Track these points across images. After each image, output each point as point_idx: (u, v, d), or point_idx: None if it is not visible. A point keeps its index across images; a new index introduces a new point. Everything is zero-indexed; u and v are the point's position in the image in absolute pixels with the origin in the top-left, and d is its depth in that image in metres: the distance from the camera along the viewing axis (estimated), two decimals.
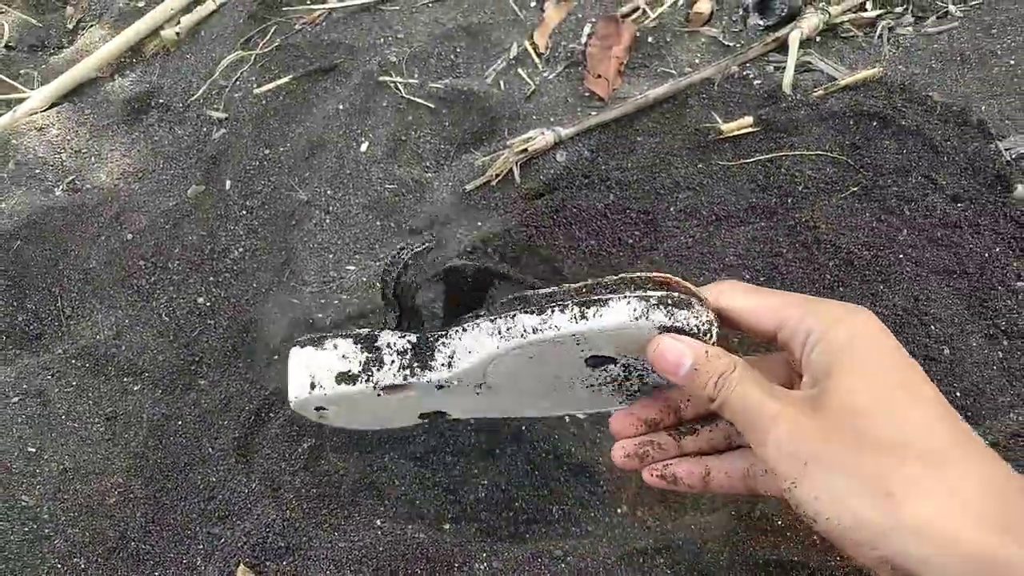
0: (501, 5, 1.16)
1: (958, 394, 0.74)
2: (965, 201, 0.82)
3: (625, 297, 0.48)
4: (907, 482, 0.38)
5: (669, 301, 0.48)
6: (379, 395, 0.62)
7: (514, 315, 0.52)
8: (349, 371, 0.62)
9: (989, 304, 0.77)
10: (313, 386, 0.62)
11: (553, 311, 0.50)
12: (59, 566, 0.82)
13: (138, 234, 1.10)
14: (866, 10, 1.00)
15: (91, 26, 1.47)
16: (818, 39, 0.99)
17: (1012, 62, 0.90)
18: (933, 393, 0.42)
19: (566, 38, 1.10)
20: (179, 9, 1.35)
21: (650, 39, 1.06)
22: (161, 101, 1.25)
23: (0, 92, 1.36)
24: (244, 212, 1.08)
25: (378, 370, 0.61)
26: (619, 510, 0.74)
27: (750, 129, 0.91)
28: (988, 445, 0.66)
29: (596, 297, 0.49)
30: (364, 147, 1.06)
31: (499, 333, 0.53)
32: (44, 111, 1.30)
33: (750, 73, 0.97)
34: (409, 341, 0.61)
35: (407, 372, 0.60)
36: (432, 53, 1.12)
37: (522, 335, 0.51)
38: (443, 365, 0.58)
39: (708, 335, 0.49)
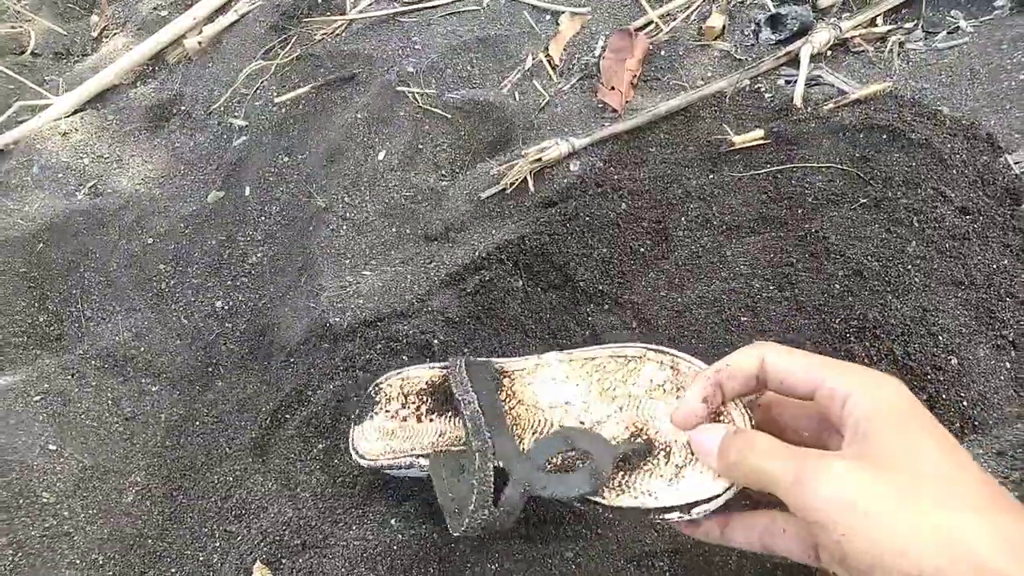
0: (517, 18, 1.18)
1: (965, 404, 0.74)
2: (973, 213, 0.83)
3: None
4: (968, 530, 0.40)
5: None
6: None
7: None
8: None
9: (997, 315, 0.78)
10: None
11: None
12: (78, 562, 0.84)
13: (158, 238, 1.12)
14: (877, 25, 1.02)
15: (115, 34, 1.50)
16: (829, 53, 1.01)
17: (1021, 77, 0.91)
18: (969, 457, 0.44)
19: (580, 50, 1.11)
20: (202, 19, 1.38)
21: (663, 52, 1.08)
22: (183, 108, 1.28)
23: (26, 98, 1.38)
24: (263, 218, 1.10)
25: None
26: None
27: (761, 141, 0.93)
28: (995, 455, 0.68)
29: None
30: (381, 155, 1.07)
31: None
32: (68, 117, 1.33)
33: (761, 86, 0.99)
34: None
35: None
36: (449, 64, 1.14)
37: None
38: None
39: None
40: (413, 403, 0.76)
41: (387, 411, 0.76)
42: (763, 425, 0.56)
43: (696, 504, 0.55)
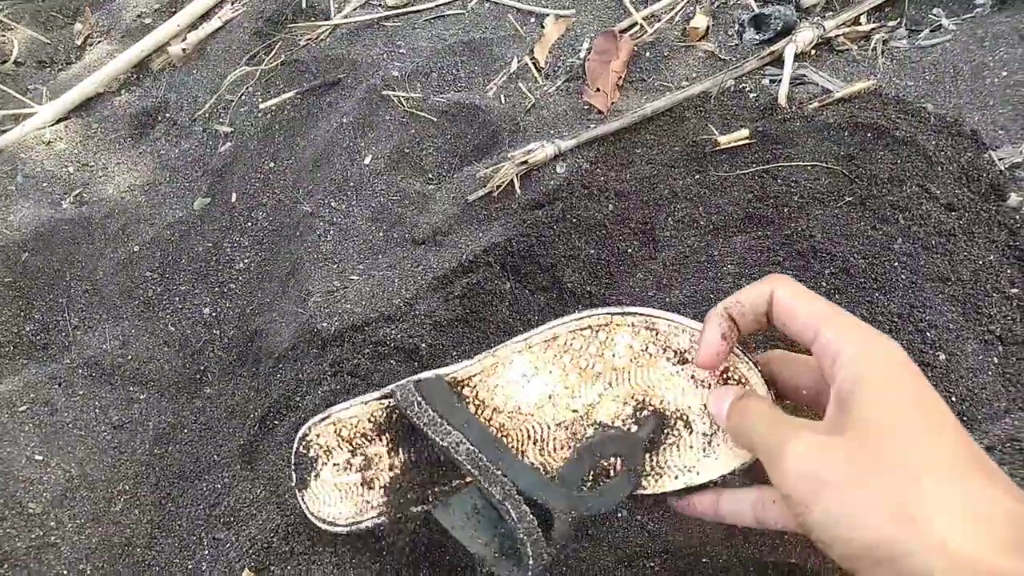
0: (501, 21, 1.18)
1: (954, 399, 0.75)
2: (959, 210, 0.83)
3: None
4: (928, 504, 0.39)
5: None
6: None
7: None
8: None
9: (984, 310, 0.78)
10: None
11: None
12: (66, 573, 0.83)
13: (144, 246, 1.12)
14: (860, 24, 1.02)
15: (99, 42, 1.49)
16: (813, 52, 1.01)
17: (1004, 74, 0.91)
18: (953, 422, 0.43)
19: (565, 53, 1.12)
20: (186, 26, 1.38)
21: (648, 54, 1.08)
22: (168, 116, 1.28)
23: (9, 107, 1.38)
24: (249, 224, 1.10)
25: None
26: (620, 515, 0.75)
27: (746, 141, 0.93)
28: (985, 450, 0.68)
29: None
30: (367, 160, 1.07)
31: None
32: (52, 125, 1.33)
33: (746, 86, 0.99)
34: None
35: None
36: (434, 68, 1.14)
37: None
38: None
39: None
40: (364, 447, 0.67)
41: (335, 465, 0.68)
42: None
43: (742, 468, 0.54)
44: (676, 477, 0.58)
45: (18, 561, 0.84)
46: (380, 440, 0.66)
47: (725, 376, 0.56)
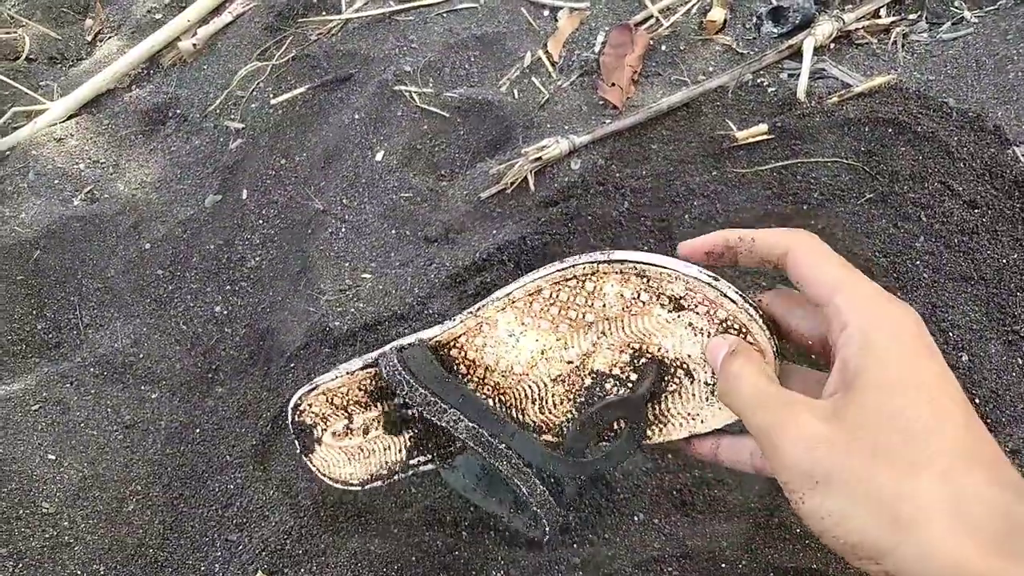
0: (515, 15, 1.16)
1: (977, 401, 0.73)
2: (982, 207, 0.82)
3: None
4: (918, 504, 0.38)
5: None
6: None
7: None
8: None
9: (1008, 310, 0.77)
10: None
11: None
12: (79, 572, 0.83)
13: (156, 243, 1.11)
14: (880, 17, 1.00)
15: (109, 38, 1.49)
16: (832, 46, 0.99)
17: None
18: (960, 407, 0.41)
19: (580, 47, 1.10)
20: (196, 21, 1.37)
21: (664, 47, 1.06)
22: (179, 112, 1.27)
23: (21, 104, 1.37)
24: (261, 221, 1.09)
25: None
26: (636, 518, 0.74)
27: (765, 136, 0.91)
28: (1008, 453, 0.66)
29: None
30: (379, 156, 1.06)
31: None
32: (63, 122, 1.32)
33: (764, 80, 0.98)
34: None
35: None
36: (446, 62, 1.13)
37: None
38: None
39: None
40: (362, 412, 0.66)
41: (334, 432, 0.66)
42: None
43: None
44: (681, 425, 0.56)
45: (32, 560, 0.84)
46: (376, 406, 0.65)
47: (724, 325, 0.53)
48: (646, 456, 0.77)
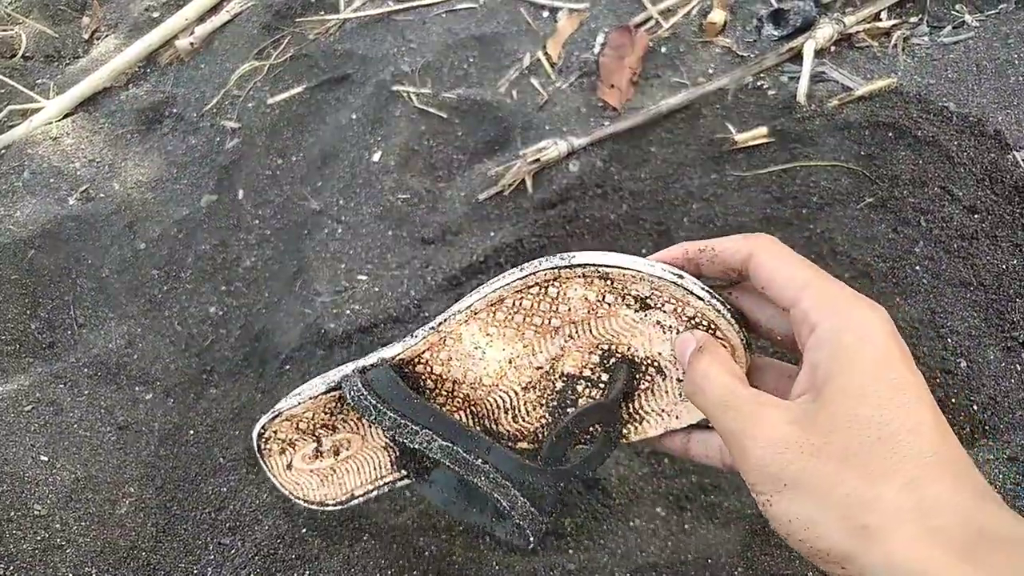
0: (514, 15, 1.16)
1: (975, 408, 0.73)
2: (982, 212, 0.81)
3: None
4: (883, 513, 0.37)
5: None
6: None
7: None
8: None
9: (1007, 316, 0.76)
10: None
11: None
12: (71, 575, 0.82)
13: (151, 243, 1.10)
14: (881, 20, 1.00)
15: (106, 36, 1.48)
16: (833, 49, 0.99)
17: None
18: (929, 415, 0.40)
19: (579, 48, 1.09)
20: (193, 20, 1.36)
21: (663, 49, 1.06)
22: (175, 111, 1.26)
23: (17, 102, 1.37)
24: (256, 222, 1.08)
25: None
26: (632, 524, 0.74)
27: (764, 140, 0.91)
28: (1006, 460, 0.66)
29: None
30: (376, 157, 1.06)
31: None
32: (59, 121, 1.31)
33: (764, 83, 0.97)
34: None
35: None
36: (445, 63, 1.12)
37: None
38: None
39: None
40: (330, 434, 0.63)
41: (304, 455, 0.64)
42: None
43: None
44: (657, 422, 0.56)
45: (24, 563, 0.83)
46: (343, 428, 0.63)
47: (693, 322, 0.52)
48: (642, 461, 0.76)
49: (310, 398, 0.61)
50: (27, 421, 0.94)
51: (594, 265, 0.52)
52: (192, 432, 0.92)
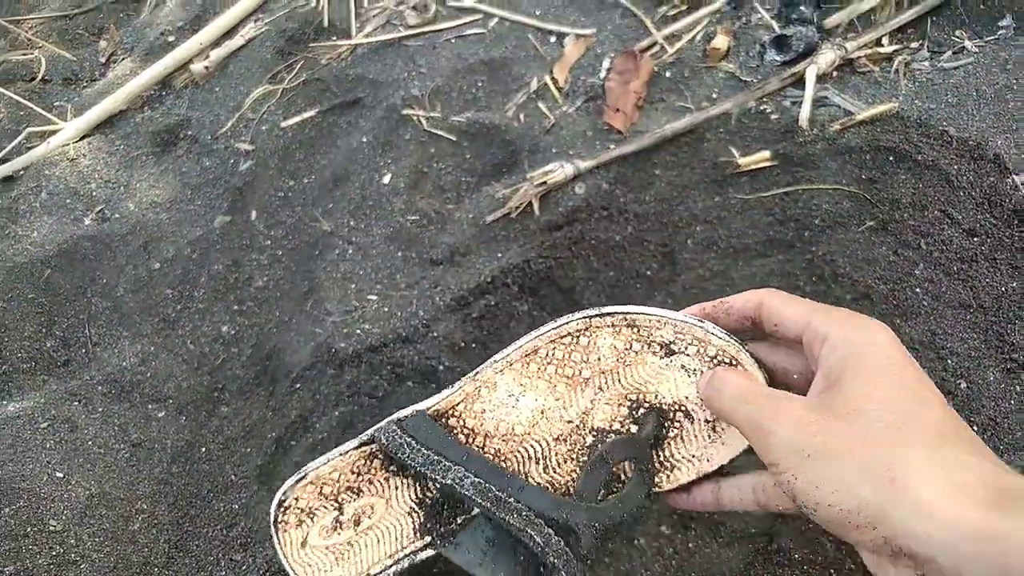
0: (522, 40, 1.18)
1: (975, 429, 0.74)
2: (981, 235, 0.82)
3: None
4: (909, 468, 0.40)
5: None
6: None
7: None
8: None
9: (1006, 338, 0.77)
10: None
11: None
12: None
13: (165, 263, 1.13)
14: (882, 45, 1.01)
15: (123, 59, 1.51)
16: (835, 74, 1.00)
17: None
18: (938, 399, 0.44)
19: (585, 73, 1.12)
20: (208, 44, 1.39)
21: (668, 74, 1.08)
22: (190, 133, 1.29)
23: (35, 124, 1.39)
24: (269, 242, 1.10)
25: None
26: (637, 541, 0.75)
27: (767, 163, 0.92)
28: None
29: None
30: (387, 179, 1.08)
31: None
32: (76, 142, 1.34)
33: (767, 108, 0.99)
34: None
35: None
36: (454, 87, 1.14)
37: None
38: None
39: None
40: (353, 500, 0.61)
41: (323, 527, 0.61)
42: None
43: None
44: (688, 468, 0.57)
45: None
46: (368, 491, 0.61)
47: (716, 360, 0.55)
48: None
49: (340, 455, 0.60)
50: (43, 438, 0.96)
51: (621, 313, 0.56)
52: (204, 450, 0.93)
